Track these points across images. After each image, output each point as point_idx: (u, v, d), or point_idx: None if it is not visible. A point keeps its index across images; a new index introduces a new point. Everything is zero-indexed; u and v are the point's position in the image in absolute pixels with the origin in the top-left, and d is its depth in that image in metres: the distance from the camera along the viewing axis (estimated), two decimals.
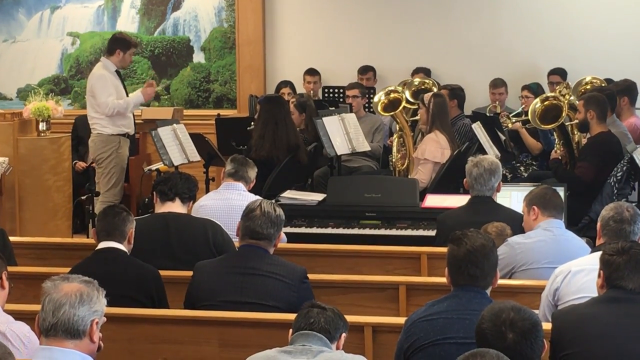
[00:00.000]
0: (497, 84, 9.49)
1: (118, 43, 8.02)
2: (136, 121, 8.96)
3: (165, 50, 10.66)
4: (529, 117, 7.87)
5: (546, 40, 9.82)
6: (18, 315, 3.72)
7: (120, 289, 4.23)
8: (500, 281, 3.87)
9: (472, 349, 2.86)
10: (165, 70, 10.68)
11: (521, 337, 2.99)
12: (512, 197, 6.12)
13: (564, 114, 7.65)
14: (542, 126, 7.81)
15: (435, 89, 8.52)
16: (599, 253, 3.73)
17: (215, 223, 5.16)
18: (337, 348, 3.29)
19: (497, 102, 9.33)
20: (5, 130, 7.79)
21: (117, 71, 8.07)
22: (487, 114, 8.74)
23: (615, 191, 6.96)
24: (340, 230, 6.62)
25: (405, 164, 8.01)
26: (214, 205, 5.74)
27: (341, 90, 9.50)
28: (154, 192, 5.25)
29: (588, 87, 8.50)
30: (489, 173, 5.42)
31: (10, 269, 4.00)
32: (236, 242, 4.63)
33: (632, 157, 6.93)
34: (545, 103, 7.81)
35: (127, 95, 8.13)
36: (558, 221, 4.86)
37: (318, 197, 6.94)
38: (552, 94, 8.08)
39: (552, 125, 7.71)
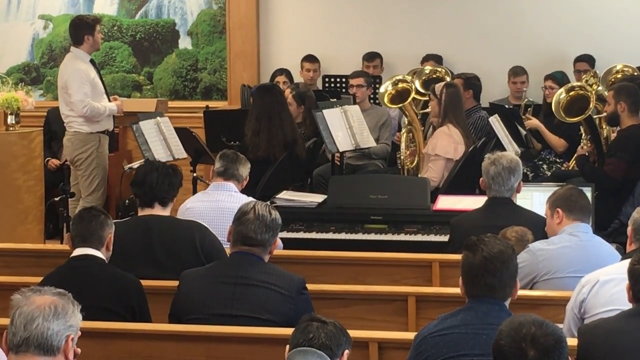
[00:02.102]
0: (518, 73, 9.49)
1: (82, 29, 8.00)
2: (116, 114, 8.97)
3: (148, 35, 10.66)
4: (553, 108, 7.88)
5: (572, 23, 9.81)
6: None
7: (98, 301, 4.23)
8: (521, 292, 3.88)
9: None
10: (148, 57, 10.69)
11: (543, 355, 2.99)
12: (534, 199, 6.13)
13: (591, 105, 7.65)
14: (567, 119, 7.81)
15: (448, 78, 8.52)
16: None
17: (203, 225, 5.16)
18: None
19: (518, 93, 9.34)
20: None
21: (91, 61, 8.08)
22: (507, 106, 8.74)
23: None
24: (343, 236, 6.63)
25: (415, 161, 8.02)
26: (202, 208, 5.74)
27: (343, 80, 9.50)
28: None
29: (618, 76, 8.50)
30: (508, 172, 5.43)
31: None
32: (227, 248, 4.64)
33: None
34: (571, 93, 7.82)
35: (105, 86, 8.15)
36: (585, 225, 4.86)
37: (318, 198, 6.94)
38: (579, 84, 8.09)
39: (579, 117, 7.72)
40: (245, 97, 9.18)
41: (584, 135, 7.83)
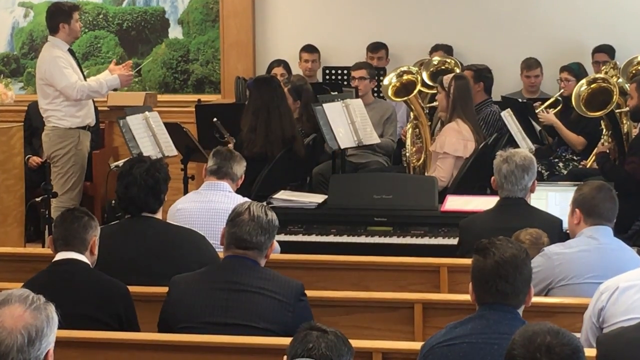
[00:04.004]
0: (531, 66, 9.49)
1: (58, 16, 8.06)
2: (101, 108, 8.97)
3: (136, 24, 10.66)
4: (573, 101, 7.87)
5: (590, 11, 9.82)
6: None
7: (82, 308, 4.23)
8: (535, 299, 3.88)
9: None
10: (136, 47, 10.69)
11: None
12: (549, 199, 6.13)
13: (614, 98, 7.64)
14: (589, 113, 7.80)
15: (457, 70, 8.53)
16: None
17: (199, 234, 5.14)
18: None
19: (532, 87, 9.34)
20: None
21: (70, 50, 8.10)
22: (520, 100, 8.75)
23: None
24: (344, 238, 6.63)
25: (422, 159, 8.02)
26: (194, 209, 5.73)
27: (345, 71, 9.50)
28: None
29: None
30: (522, 170, 5.43)
31: None
32: (220, 252, 4.64)
33: None
34: (593, 86, 7.82)
35: (85, 78, 8.15)
36: (605, 228, 4.85)
37: (318, 198, 6.95)
38: (601, 75, 8.07)
39: (600, 112, 7.71)
40: (240, 90, 9.18)
41: (604, 131, 7.83)
